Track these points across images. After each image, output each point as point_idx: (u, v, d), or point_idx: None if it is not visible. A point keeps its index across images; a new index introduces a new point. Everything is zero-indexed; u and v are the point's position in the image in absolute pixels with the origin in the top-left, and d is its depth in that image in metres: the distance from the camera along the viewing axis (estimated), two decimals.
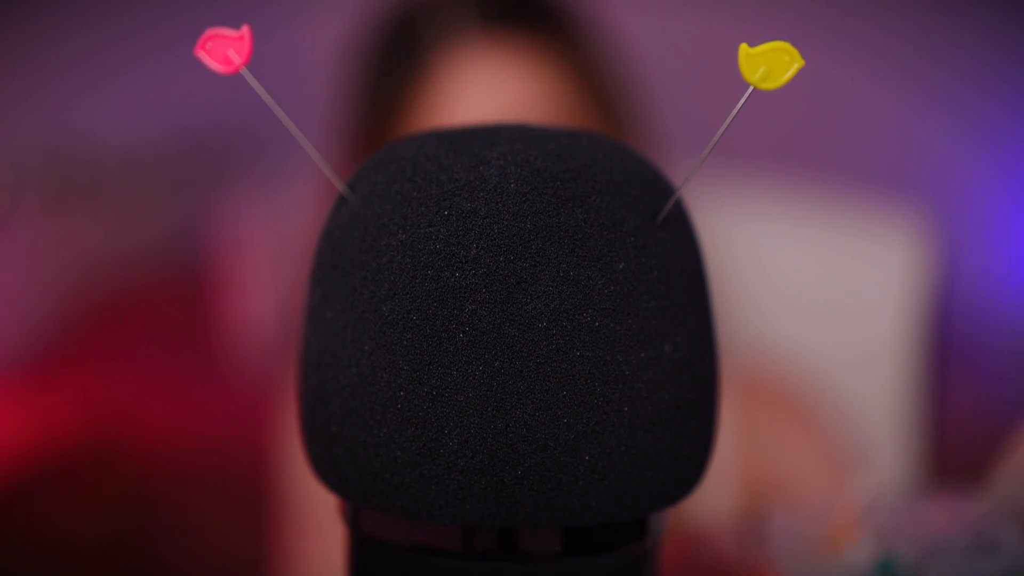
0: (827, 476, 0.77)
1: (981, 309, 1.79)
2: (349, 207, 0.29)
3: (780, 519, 0.45)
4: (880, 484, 0.74)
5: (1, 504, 1.30)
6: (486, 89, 0.68)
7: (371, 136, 0.72)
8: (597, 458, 0.26)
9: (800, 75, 0.25)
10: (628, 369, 0.26)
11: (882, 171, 1.78)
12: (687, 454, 0.28)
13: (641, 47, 0.86)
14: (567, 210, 0.27)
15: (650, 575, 0.29)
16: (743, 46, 0.25)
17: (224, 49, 0.26)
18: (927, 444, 0.86)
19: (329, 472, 0.28)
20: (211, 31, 0.26)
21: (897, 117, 1.78)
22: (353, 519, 0.29)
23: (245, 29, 0.26)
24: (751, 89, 0.25)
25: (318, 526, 0.75)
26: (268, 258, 1.53)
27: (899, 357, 0.84)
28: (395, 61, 0.71)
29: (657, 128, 0.77)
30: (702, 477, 0.29)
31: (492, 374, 0.26)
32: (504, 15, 0.71)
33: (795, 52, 0.25)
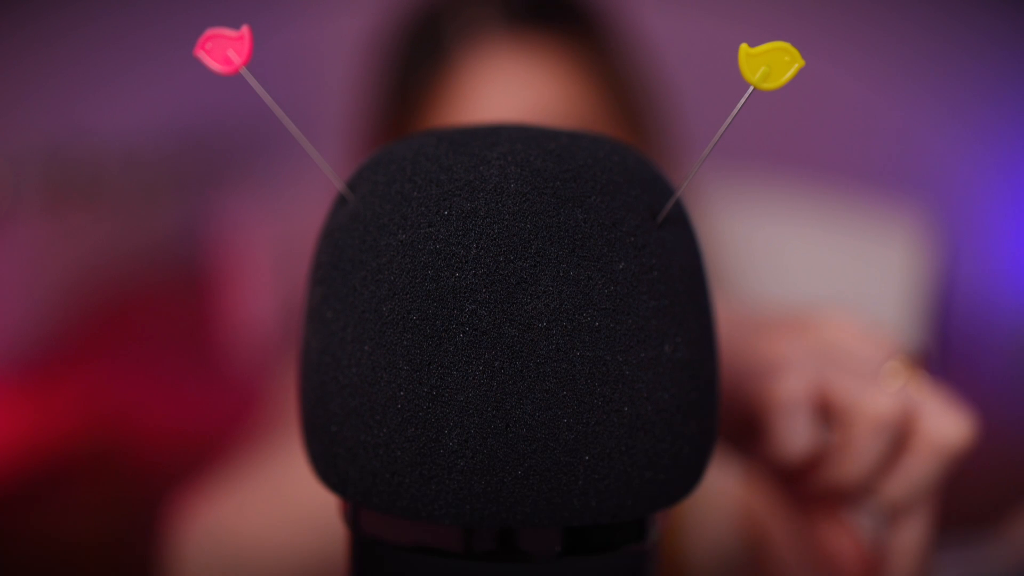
0: None
1: (981, 309, 1.79)
2: (349, 207, 0.29)
3: None
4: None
5: (1, 504, 1.30)
6: (511, 88, 0.68)
7: (393, 134, 0.71)
8: (597, 458, 0.26)
9: (800, 75, 0.25)
10: (628, 369, 0.26)
11: (883, 171, 1.78)
12: (687, 454, 0.28)
13: (664, 50, 0.85)
14: (567, 210, 0.27)
15: (650, 575, 0.29)
16: (743, 46, 0.25)
17: (224, 49, 0.26)
18: None
19: (329, 472, 0.28)
20: (211, 31, 0.26)
21: (898, 117, 1.78)
22: (353, 519, 0.29)
23: (245, 29, 0.26)
24: (751, 89, 0.25)
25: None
26: (268, 258, 1.53)
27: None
28: (419, 58, 0.70)
29: (680, 132, 0.77)
30: (702, 477, 0.29)
31: (492, 374, 0.26)
32: (530, 14, 0.70)
33: (795, 52, 0.25)
